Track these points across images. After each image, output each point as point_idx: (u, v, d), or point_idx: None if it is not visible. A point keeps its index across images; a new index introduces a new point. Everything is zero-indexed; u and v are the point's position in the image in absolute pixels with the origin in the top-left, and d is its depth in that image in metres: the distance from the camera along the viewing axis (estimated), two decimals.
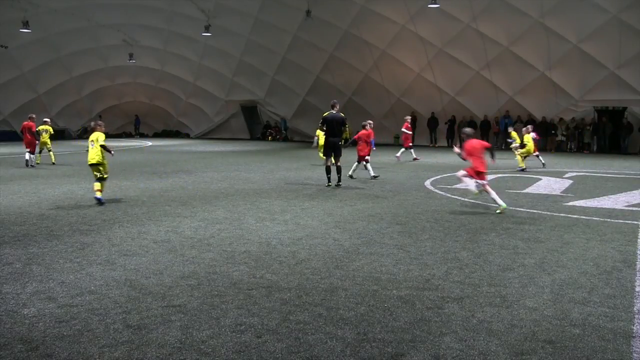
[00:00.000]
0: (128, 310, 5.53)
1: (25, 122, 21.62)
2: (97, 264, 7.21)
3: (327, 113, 15.14)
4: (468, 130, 12.09)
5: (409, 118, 24.02)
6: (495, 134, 32.85)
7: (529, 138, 19.93)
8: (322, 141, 22.08)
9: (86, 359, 4.47)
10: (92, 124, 13.15)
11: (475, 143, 11.47)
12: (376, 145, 20.11)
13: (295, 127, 41.25)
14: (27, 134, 21.15)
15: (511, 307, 5.67)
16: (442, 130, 34.66)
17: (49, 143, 21.86)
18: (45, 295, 5.99)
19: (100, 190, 12.12)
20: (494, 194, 11.20)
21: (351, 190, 14.33)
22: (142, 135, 46.71)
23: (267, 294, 6.06)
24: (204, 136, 45.78)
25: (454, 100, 34.38)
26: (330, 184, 15.21)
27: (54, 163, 21.11)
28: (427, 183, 15.88)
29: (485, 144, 11.90)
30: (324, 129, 15.17)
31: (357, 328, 5.12)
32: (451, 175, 18.05)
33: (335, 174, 15.31)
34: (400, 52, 33.90)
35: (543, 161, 20.92)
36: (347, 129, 23.88)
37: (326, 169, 15.35)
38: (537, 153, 20.73)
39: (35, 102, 39.03)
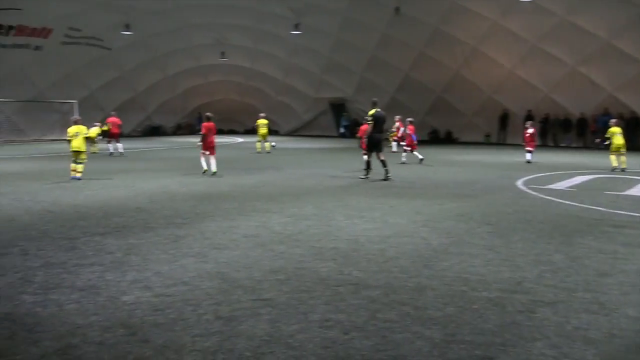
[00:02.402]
0: (219, 302, 5.70)
1: (109, 118, 26.35)
2: (190, 256, 7.47)
3: (374, 111, 15.48)
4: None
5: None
6: (593, 132, 31.24)
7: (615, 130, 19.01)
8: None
9: (180, 347, 4.65)
10: (74, 118, 16.50)
11: (211, 125, 16.67)
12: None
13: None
14: (114, 128, 26.08)
15: (610, 315, 5.39)
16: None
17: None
18: (142, 284, 6.27)
19: (77, 171, 15.38)
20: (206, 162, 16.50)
21: (439, 189, 14.10)
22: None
23: (355, 291, 6.06)
24: (293, 133, 46.42)
25: (547, 97, 33.06)
26: (368, 176, 15.90)
27: None
28: (519, 183, 15.37)
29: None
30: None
31: (445, 329, 5.03)
32: (545, 175, 17.41)
33: (382, 167, 15.74)
34: (492, 48, 32.96)
35: (420, 157, 21.22)
36: None
37: (367, 163, 16.00)
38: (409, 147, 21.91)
39: (133, 101, 41.01)
